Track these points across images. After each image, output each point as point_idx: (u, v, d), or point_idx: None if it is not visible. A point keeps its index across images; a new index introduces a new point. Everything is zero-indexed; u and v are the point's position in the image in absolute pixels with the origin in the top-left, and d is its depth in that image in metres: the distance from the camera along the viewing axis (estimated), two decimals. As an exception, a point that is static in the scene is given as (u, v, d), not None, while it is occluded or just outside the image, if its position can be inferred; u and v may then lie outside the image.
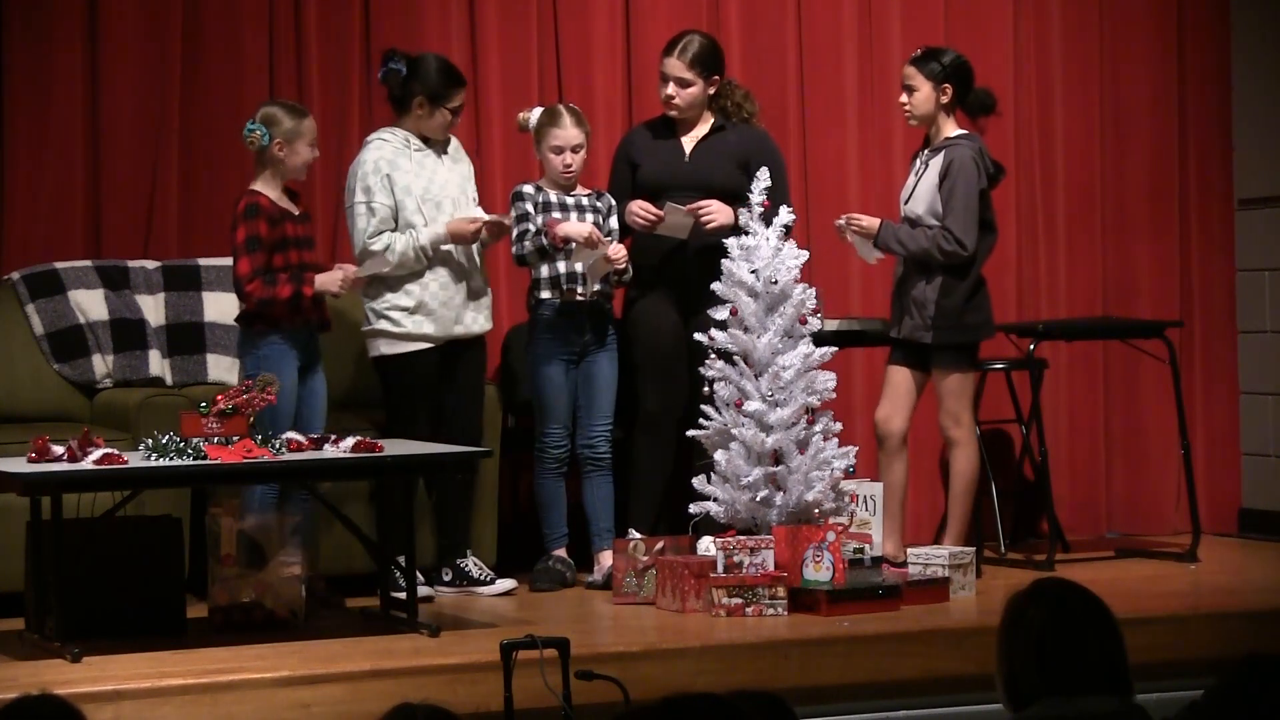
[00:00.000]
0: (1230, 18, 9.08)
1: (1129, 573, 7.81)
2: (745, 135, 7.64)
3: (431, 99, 7.29)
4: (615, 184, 7.62)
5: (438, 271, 7.27)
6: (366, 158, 7.28)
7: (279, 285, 6.86)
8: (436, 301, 7.26)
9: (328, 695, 5.77)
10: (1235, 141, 9.09)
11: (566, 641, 5.11)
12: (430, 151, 7.35)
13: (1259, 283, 9.00)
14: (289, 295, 6.87)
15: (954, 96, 7.30)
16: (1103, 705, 3.57)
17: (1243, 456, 9.09)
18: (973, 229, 7.21)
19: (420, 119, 7.32)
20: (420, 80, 7.30)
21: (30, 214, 7.75)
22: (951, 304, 7.23)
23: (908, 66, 7.35)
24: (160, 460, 6.21)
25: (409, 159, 7.29)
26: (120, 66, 7.80)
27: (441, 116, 7.31)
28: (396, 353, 7.28)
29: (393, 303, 7.26)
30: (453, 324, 7.30)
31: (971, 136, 7.32)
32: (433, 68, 7.33)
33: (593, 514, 7.48)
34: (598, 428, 7.46)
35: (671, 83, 7.53)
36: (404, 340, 7.26)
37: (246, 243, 6.86)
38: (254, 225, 6.87)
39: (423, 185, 7.27)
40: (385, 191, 7.23)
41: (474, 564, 7.32)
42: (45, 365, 7.51)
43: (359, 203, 7.24)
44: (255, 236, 6.86)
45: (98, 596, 6.41)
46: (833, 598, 6.69)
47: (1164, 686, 5.78)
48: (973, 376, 7.41)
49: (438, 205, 7.28)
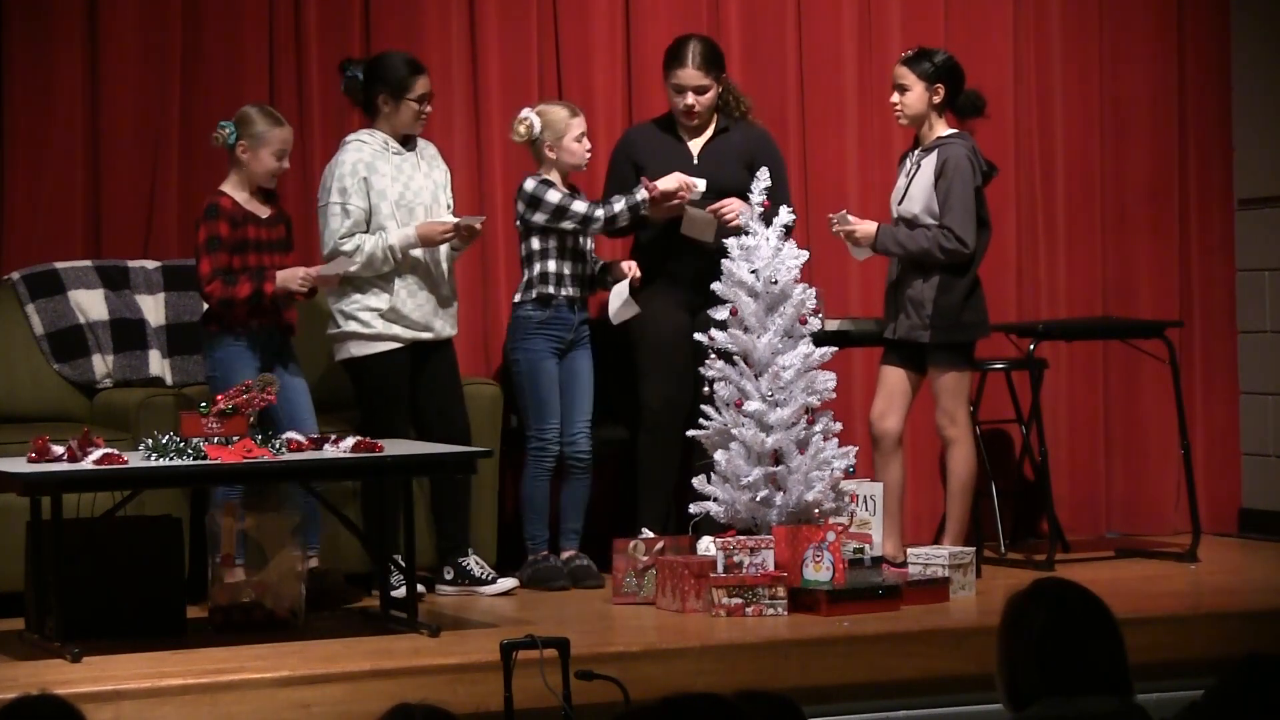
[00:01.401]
0: (1230, 18, 9.08)
1: (1129, 573, 7.81)
2: (749, 135, 7.67)
3: (393, 93, 7.28)
4: (616, 185, 7.61)
5: (406, 279, 7.24)
6: (345, 159, 7.26)
7: (238, 284, 6.89)
8: (406, 307, 7.24)
9: (328, 695, 5.77)
10: (1235, 141, 9.09)
11: (566, 641, 5.11)
12: (409, 155, 7.34)
13: (1259, 283, 9.00)
14: (248, 294, 6.89)
15: (945, 97, 7.31)
16: (1103, 705, 3.57)
17: (1243, 456, 9.09)
18: (972, 226, 7.22)
19: (389, 117, 7.31)
20: (378, 79, 7.30)
21: (30, 214, 7.74)
22: (950, 302, 7.23)
23: (900, 66, 7.36)
24: (160, 460, 6.21)
25: (387, 162, 7.28)
26: (120, 66, 7.80)
27: (408, 109, 7.29)
28: (367, 353, 7.26)
29: (362, 303, 7.23)
30: (422, 329, 7.28)
31: (964, 135, 7.34)
32: (387, 63, 7.34)
33: (564, 513, 7.50)
34: (579, 426, 7.48)
35: (690, 93, 7.56)
36: (374, 340, 7.24)
37: (206, 243, 6.92)
38: (214, 225, 6.93)
39: (398, 190, 7.26)
40: (361, 194, 7.21)
41: (475, 563, 7.32)
42: (45, 365, 7.51)
43: (333, 203, 7.22)
44: (215, 236, 6.92)
45: (98, 596, 6.41)
46: (833, 598, 6.69)
47: (1164, 686, 5.79)
48: (969, 376, 7.41)
49: (410, 211, 7.25)
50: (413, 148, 7.37)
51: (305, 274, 7.00)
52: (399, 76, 7.28)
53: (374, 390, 7.28)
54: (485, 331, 8.09)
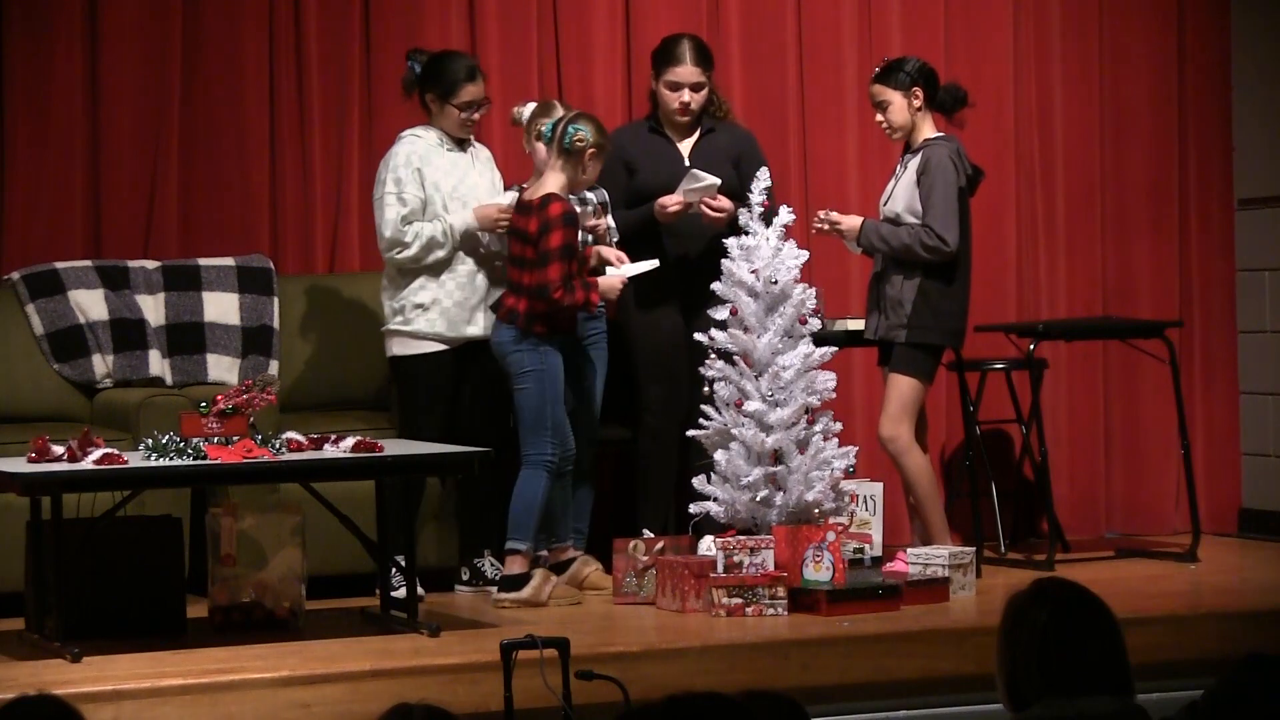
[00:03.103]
0: (1230, 18, 9.07)
1: (1129, 573, 7.80)
2: (734, 135, 7.71)
3: (440, 95, 7.31)
4: (606, 185, 7.60)
5: (456, 270, 7.27)
6: (399, 150, 7.29)
7: (575, 291, 6.99)
8: (451, 300, 7.26)
9: (328, 695, 5.77)
10: (1235, 141, 9.08)
11: (566, 641, 5.11)
12: (462, 153, 7.37)
13: (1259, 283, 9.00)
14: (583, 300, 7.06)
15: (925, 98, 7.32)
16: (1103, 705, 3.57)
17: (1243, 456, 9.09)
18: (953, 225, 7.21)
19: (437, 116, 7.34)
20: (430, 77, 7.33)
21: (30, 214, 7.75)
22: (929, 304, 7.22)
23: (874, 85, 7.36)
24: (160, 460, 6.21)
25: (442, 156, 7.31)
26: (120, 66, 7.80)
27: (451, 113, 7.31)
28: (410, 353, 7.28)
29: (408, 300, 7.26)
30: (465, 325, 7.29)
31: (949, 138, 7.35)
32: (440, 64, 7.36)
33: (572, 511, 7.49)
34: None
35: (686, 90, 7.56)
36: (416, 340, 7.27)
37: (562, 250, 6.93)
38: (570, 234, 6.98)
39: (453, 183, 7.30)
40: (416, 184, 7.25)
41: (490, 564, 7.33)
42: (45, 365, 7.50)
43: (389, 193, 7.24)
44: (569, 245, 6.98)
45: (98, 596, 6.41)
46: (833, 598, 6.69)
47: (1164, 686, 5.78)
48: (925, 389, 7.31)
49: (465, 204, 7.29)
50: (467, 147, 7.39)
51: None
52: (448, 80, 7.30)
53: (410, 391, 7.31)
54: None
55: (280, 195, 7.99)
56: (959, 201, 7.26)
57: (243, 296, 7.71)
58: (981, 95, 7.93)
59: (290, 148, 7.99)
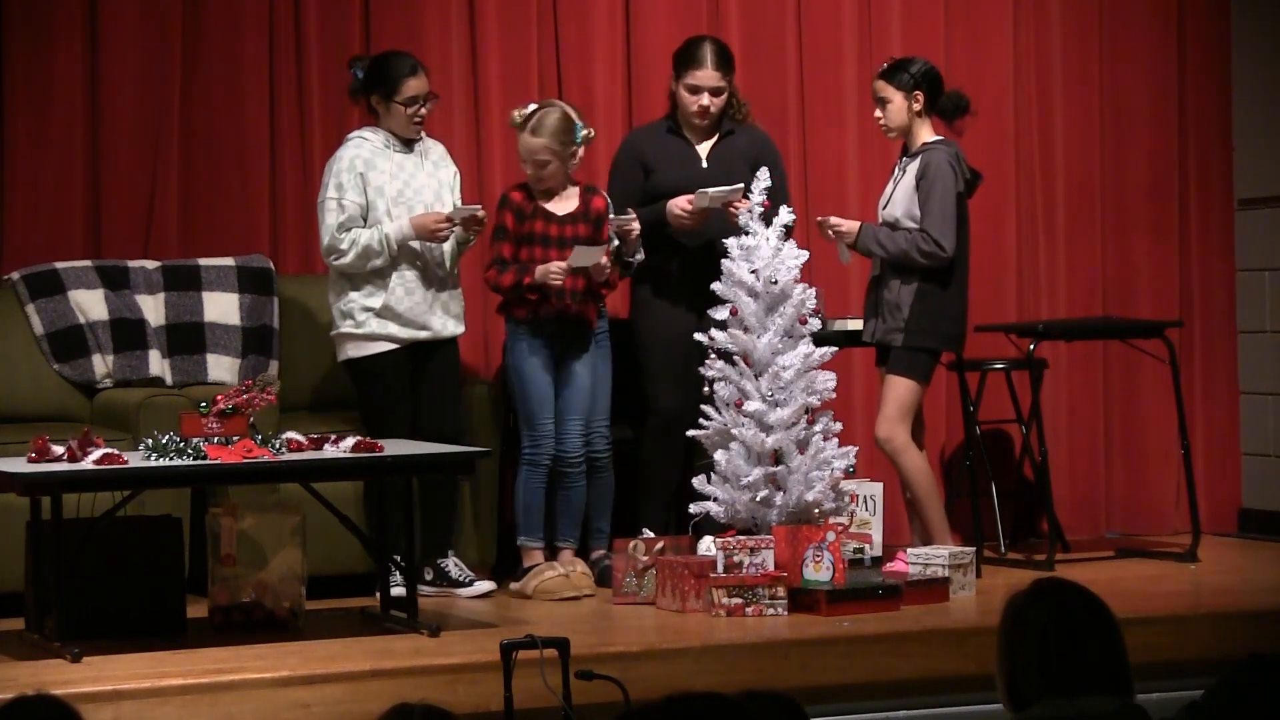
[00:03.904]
0: (1230, 18, 9.08)
1: (1129, 573, 7.81)
2: (752, 137, 7.70)
3: (384, 95, 7.29)
4: (622, 185, 7.60)
5: (402, 274, 7.24)
6: (344, 154, 7.27)
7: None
8: (401, 305, 7.24)
9: (328, 695, 5.77)
10: (1235, 141, 9.09)
11: (566, 641, 5.12)
12: (411, 154, 7.34)
13: (1259, 283, 9.00)
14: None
15: (926, 103, 7.32)
16: (1103, 705, 3.57)
17: (1243, 456, 9.09)
18: (950, 231, 7.21)
19: (384, 117, 7.32)
20: (373, 79, 7.31)
21: (30, 214, 7.74)
22: (926, 309, 7.23)
23: (877, 80, 7.37)
24: (160, 460, 6.21)
25: (388, 159, 7.28)
26: (120, 66, 7.80)
27: (398, 111, 7.29)
28: (363, 355, 7.26)
29: (358, 302, 7.24)
30: (418, 328, 7.28)
31: (948, 142, 7.35)
32: (382, 64, 7.34)
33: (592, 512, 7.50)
34: (596, 425, 7.49)
35: (706, 93, 7.56)
36: (368, 341, 7.24)
37: (494, 230, 7.33)
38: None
39: (397, 187, 7.26)
40: (357, 190, 7.22)
41: (454, 564, 7.31)
42: (45, 365, 7.50)
43: (330, 199, 7.22)
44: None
45: (98, 596, 6.41)
46: (833, 598, 6.69)
47: (1164, 686, 5.79)
48: (921, 391, 7.32)
49: (409, 208, 7.25)
50: (416, 147, 7.37)
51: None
52: (391, 78, 7.28)
53: (370, 392, 7.29)
54: (485, 331, 8.08)
55: (280, 195, 7.99)
56: (957, 206, 7.26)
57: (243, 297, 7.71)
58: (981, 95, 7.93)
59: (290, 148, 7.99)
